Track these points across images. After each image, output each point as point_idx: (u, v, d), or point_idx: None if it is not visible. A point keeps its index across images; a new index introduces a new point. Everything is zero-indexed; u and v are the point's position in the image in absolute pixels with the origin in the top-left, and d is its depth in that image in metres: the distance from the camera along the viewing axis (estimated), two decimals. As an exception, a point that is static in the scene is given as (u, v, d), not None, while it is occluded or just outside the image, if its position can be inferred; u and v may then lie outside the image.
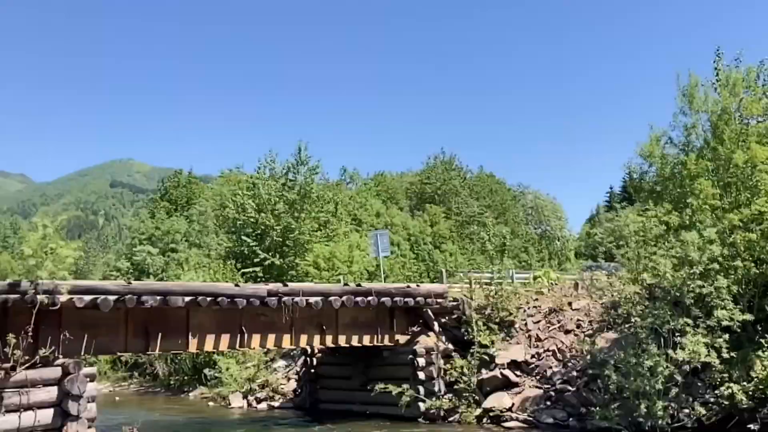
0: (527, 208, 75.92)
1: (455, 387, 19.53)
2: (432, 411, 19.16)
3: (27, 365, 13.45)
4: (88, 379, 14.05)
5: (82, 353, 14.81)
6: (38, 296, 13.46)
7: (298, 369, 25.31)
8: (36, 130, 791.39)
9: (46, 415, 13.62)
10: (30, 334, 13.56)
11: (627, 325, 17.31)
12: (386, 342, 20.46)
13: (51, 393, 13.74)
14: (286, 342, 18.66)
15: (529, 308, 21.63)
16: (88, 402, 14.01)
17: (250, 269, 36.35)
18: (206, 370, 27.59)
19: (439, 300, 20.67)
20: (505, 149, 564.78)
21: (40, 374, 13.70)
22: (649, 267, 17.03)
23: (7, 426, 13.10)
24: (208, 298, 16.00)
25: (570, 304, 21.41)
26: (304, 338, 18.89)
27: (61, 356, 14.17)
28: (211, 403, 25.89)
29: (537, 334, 20.47)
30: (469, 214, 59.48)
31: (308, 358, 23.40)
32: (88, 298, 14.27)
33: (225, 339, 17.33)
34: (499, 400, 18.75)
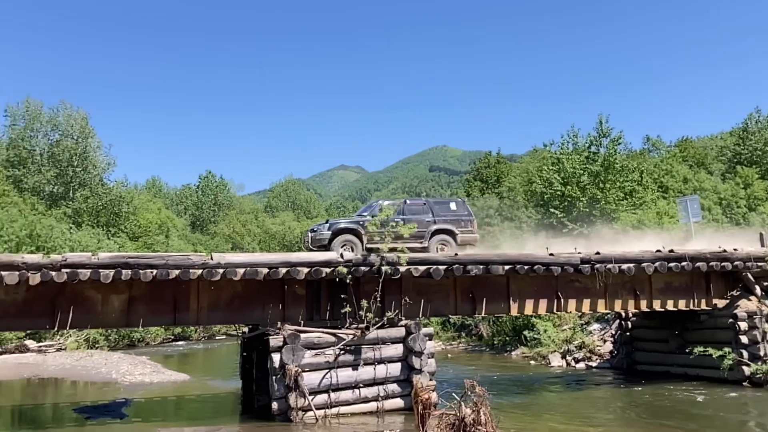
0: None
1: (784, 352, 17.56)
2: (758, 375, 17.43)
3: (377, 326, 14.82)
4: (427, 338, 15.04)
5: (420, 315, 15.88)
6: (383, 267, 14.76)
7: (613, 332, 24.61)
8: (366, 127, 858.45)
9: (395, 368, 14.86)
10: (378, 299, 14.94)
11: None
12: (703, 306, 18.99)
13: (397, 349, 14.95)
14: (601, 306, 18.20)
15: None
16: (428, 357, 15.02)
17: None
18: (525, 332, 27.93)
19: (759, 263, 18.67)
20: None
21: (388, 333, 14.97)
22: None
23: (365, 376, 14.56)
24: (525, 267, 16.18)
25: None
26: (617, 303, 18.26)
27: (403, 318, 15.36)
28: (532, 362, 26.16)
29: None
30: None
31: (623, 322, 22.64)
32: (422, 268, 15.28)
33: (543, 303, 17.39)
34: (837, 366, 16.47)
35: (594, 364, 23.85)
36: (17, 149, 54.84)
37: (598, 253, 17.39)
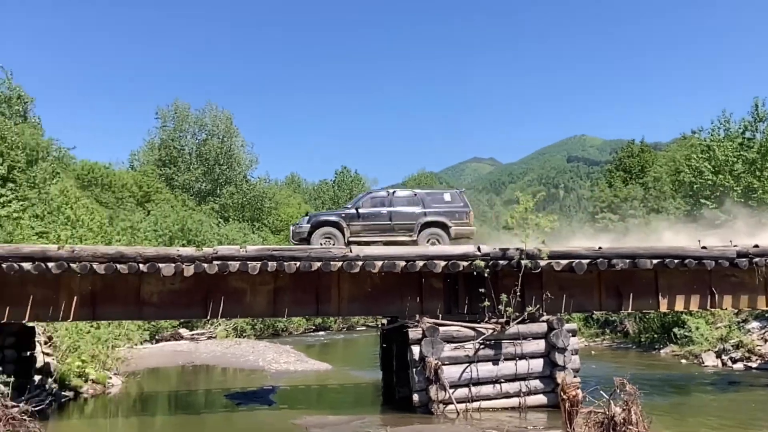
0: None
1: None
2: None
3: (517, 321, 14.64)
4: (570, 334, 14.71)
5: (562, 311, 15.52)
6: (523, 261, 14.55)
7: (776, 331, 22.95)
8: (501, 119, 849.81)
9: (537, 364, 14.64)
10: (518, 293, 14.74)
11: None
12: None
13: (539, 345, 14.71)
14: (761, 303, 16.99)
15: None
16: (572, 354, 14.67)
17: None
18: (675, 329, 26.61)
19: None
20: None
21: (529, 328, 14.76)
22: None
23: (506, 371, 14.45)
24: (675, 260, 15.42)
25: None
26: (779, 300, 17.00)
27: (544, 313, 15.08)
28: (683, 361, 24.87)
29: None
30: None
31: (785, 320, 21.05)
32: (564, 262, 14.92)
33: (695, 299, 16.48)
34: None
35: (754, 365, 22.33)
36: (168, 149, 58.93)
37: (756, 245, 16.25)
